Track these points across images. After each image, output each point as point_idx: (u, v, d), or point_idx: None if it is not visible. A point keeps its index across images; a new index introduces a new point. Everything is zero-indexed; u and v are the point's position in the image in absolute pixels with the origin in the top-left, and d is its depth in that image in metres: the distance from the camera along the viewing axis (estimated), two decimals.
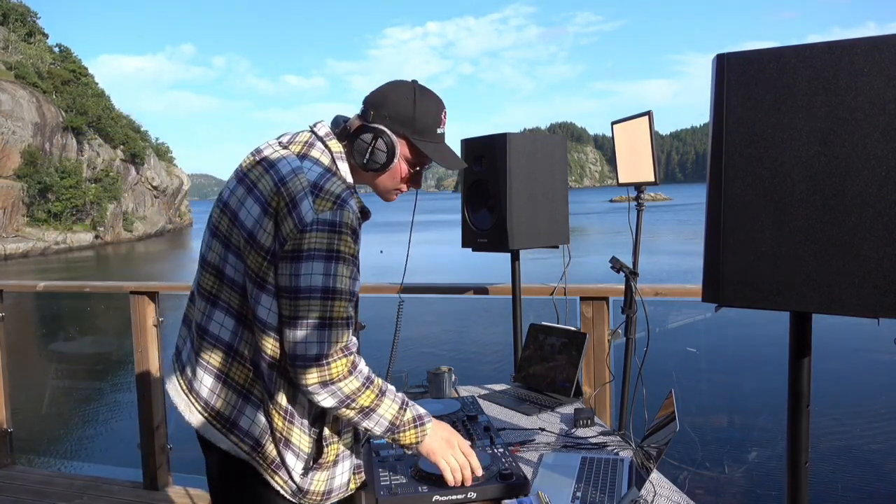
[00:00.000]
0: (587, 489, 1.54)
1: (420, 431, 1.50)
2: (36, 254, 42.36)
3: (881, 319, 1.01)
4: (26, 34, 55.13)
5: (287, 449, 1.48)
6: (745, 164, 1.07)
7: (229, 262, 1.46)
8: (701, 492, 3.36)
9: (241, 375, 1.48)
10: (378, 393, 1.45)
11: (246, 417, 1.48)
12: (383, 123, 1.49)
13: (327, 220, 1.36)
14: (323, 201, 1.38)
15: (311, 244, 1.36)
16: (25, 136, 44.34)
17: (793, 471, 1.18)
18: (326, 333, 1.38)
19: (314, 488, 1.51)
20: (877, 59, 0.98)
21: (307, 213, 1.36)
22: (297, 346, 1.38)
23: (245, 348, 1.47)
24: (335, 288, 1.37)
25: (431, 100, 1.54)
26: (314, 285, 1.36)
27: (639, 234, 2.52)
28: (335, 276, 1.37)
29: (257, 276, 1.41)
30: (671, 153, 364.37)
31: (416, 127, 1.50)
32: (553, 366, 2.34)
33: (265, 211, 1.40)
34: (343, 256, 1.38)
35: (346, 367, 1.40)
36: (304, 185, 1.39)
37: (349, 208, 1.40)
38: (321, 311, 1.37)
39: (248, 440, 1.48)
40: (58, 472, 4.08)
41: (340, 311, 1.39)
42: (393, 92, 1.52)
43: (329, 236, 1.36)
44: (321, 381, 1.38)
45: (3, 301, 3.82)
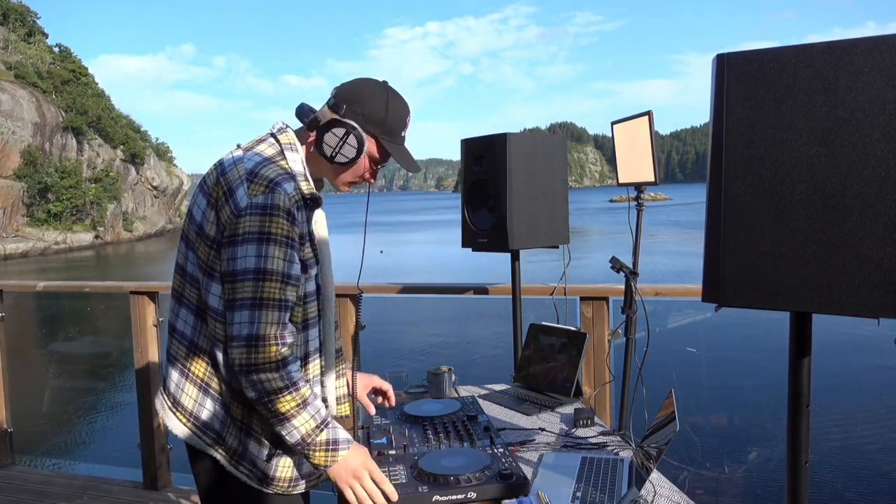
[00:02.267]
0: (587, 489, 1.54)
1: (331, 456, 1.46)
2: (36, 254, 42.36)
3: (881, 319, 1.01)
4: (26, 34, 55.11)
5: (249, 437, 1.50)
6: (745, 164, 1.07)
7: (189, 258, 1.52)
8: (701, 492, 3.36)
9: (200, 369, 1.53)
10: (299, 403, 1.42)
11: (206, 410, 1.52)
12: (356, 120, 1.52)
13: (259, 203, 1.40)
14: (256, 186, 1.42)
15: (245, 228, 1.40)
16: (25, 136, 44.33)
17: (793, 471, 1.18)
18: (257, 314, 1.39)
19: (280, 474, 1.52)
20: (877, 59, 0.98)
21: (241, 198, 1.41)
22: (232, 327, 1.40)
23: (202, 341, 1.52)
24: (266, 269, 1.40)
25: (401, 103, 1.59)
26: (247, 267, 1.40)
27: (639, 234, 2.52)
28: (266, 258, 1.40)
29: (207, 265, 1.46)
30: (671, 153, 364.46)
31: (385, 127, 1.55)
32: (553, 366, 2.34)
33: (209, 202, 1.47)
34: (275, 238, 1.40)
35: (275, 357, 1.39)
36: (241, 173, 1.45)
37: (281, 191, 1.42)
38: (253, 291, 1.39)
39: (210, 433, 1.52)
40: (58, 472, 4.08)
41: (272, 293, 1.40)
42: (367, 90, 1.55)
43: (261, 219, 1.40)
44: (246, 364, 1.39)
45: (3, 301, 3.82)
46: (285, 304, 1.43)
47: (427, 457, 1.66)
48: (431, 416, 1.98)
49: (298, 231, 1.46)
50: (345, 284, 3.18)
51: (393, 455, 1.70)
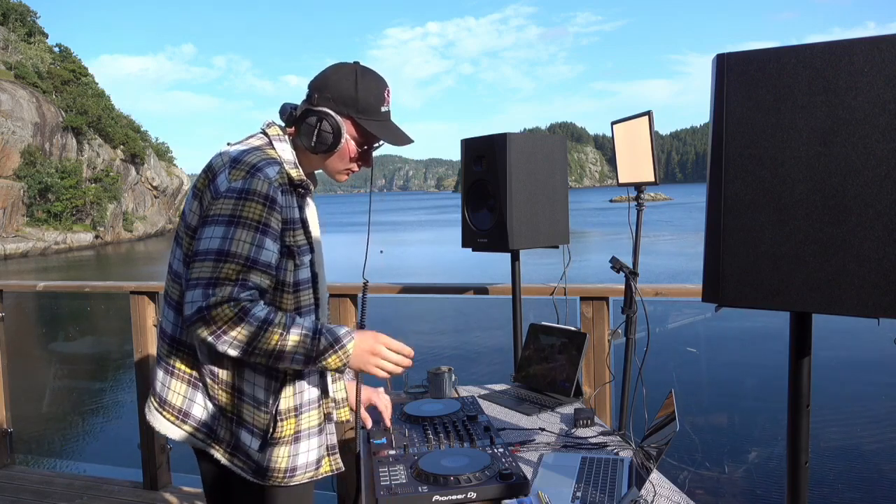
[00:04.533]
0: (587, 489, 1.54)
1: (342, 354, 1.45)
2: (36, 254, 42.34)
3: (881, 319, 1.01)
4: (26, 34, 55.09)
5: (240, 427, 1.49)
6: (745, 164, 1.07)
7: (176, 255, 1.53)
8: (701, 492, 3.36)
9: (185, 364, 1.52)
10: (281, 331, 1.39)
11: (197, 405, 1.51)
12: (327, 105, 1.52)
13: (237, 187, 1.40)
14: (237, 171, 1.42)
15: (217, 210, 1.40)
16: (25, 136, 44.32)
17: (793, 471, 1.18)
18: (210, 291, 1.36)
19: (274, 465, 1.51)
20: (877, 59, 0.98)
21: (222, 183, 1.42)
22: (185, 306, 1.38)
23: (184, 335, 1.51)
24: (229, 251, 1.38)
25: (373, 78, 1.56)
26: (210, 248, 1.39)
27: (639, 235, 2.52)
28: (232, 240, 1.38)
29: (188, 256, 1.46)
30: (671, 153, 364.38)
31: (359, 106, 1.53)
32: (553, 366, 2.33)
33: (194, 194, 1.48)
34: (245, 222, 1.39)
35: (232, 313, 1.36)
36: (225, 160, 1.46)
37: (262, 175, 1.42)
38: (211, 272, 1.37)
39: (203, 428, 1.51)
40: (58, 472, 4.08)
41: (229, 273, 1.38)
42: (335, 74, 1.54)
43: (235, 203, 1.40)
44: (212, 334, 1.36)
45: (3, 301, 3.82)
46: (245, 284, 1.39)
47: (427, 457, 1.66)
48: (431, 416, 1.98)
49: (282, 216, 1.45)
50: (345, 284, 3.18)
51: (393, 455, 1.70)
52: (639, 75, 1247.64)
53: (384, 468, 1.61)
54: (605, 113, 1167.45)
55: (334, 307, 3.13)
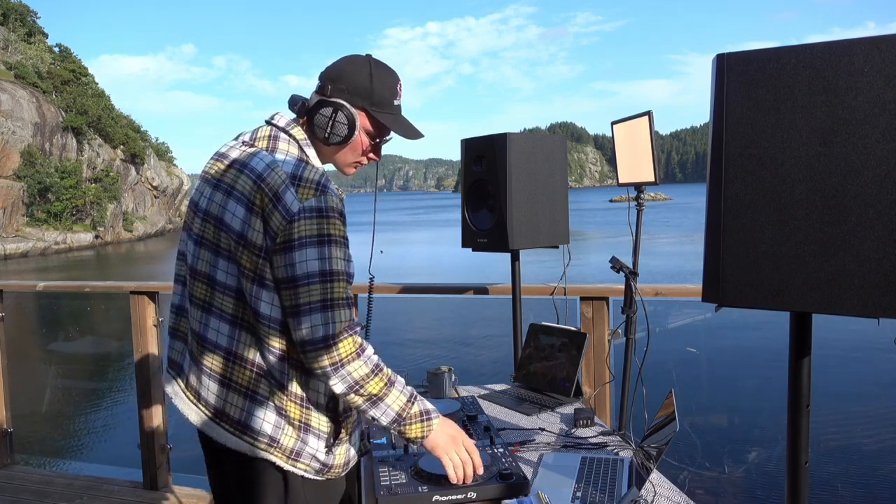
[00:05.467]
0: (587, 489, 1.54)
1: (426, 426, 1.51)
2: (36, 254, 42.35)
3: (881, 319, 1.01)
4: (26, 34, 55.10)
5: (308, 433, 1.50)
6: (745, 164, 1.07)
7: (220, 267, 1.47)
8: (701, 492, 3.36)
9: (243, 377, 1.49)
10: (387, 382, 1.45)
11: (256, 417, 1.49)
12: (341, 97, 1.51)
13: (313, 206, 1.39)
14: (305, 189, 1.40)
15: (302, 232, 1.38)
16: (25, 136, 44.32)
17: (793, 471, 1.18)
18: (330, 315, 1.39)
19: (337, 461, 1.55)
20: (877, 59, 0.98)
21: (292, 203, 1.38)
22: (303, 331, 1.39)
23: (244, 350, 1.48)
24: (332, 270, 1.39)
25: (387, 72, 1.56)
26: (311, 271, 1.38)
27: (639, 235, 2.52)
28: (330, 259, 1.39)
29: (255, 273, 1.42)
30: (671, 153, 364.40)
31: (373, 99, 1.53)
32: (553, 366, 2.34)
33: (250, 210, 1.41)
34: (334, 239, 1.40)
35: (354, 348, 1.41)
36: (283, 177, 1.41)
37: (332, 192, 1.42)
38: (322, 294, 1.38)
39: (263, 438, 1.49)
40: (58, 472, 4.08)
41: (340, 292, 1.41)
42: (349, 66, 1.53)
43: (318, 222, 1.39)
44: (332, 364, 1.39)
45: (3, 301, 3.82)
46: (350, 302, 1.44)
47: (427, 457, 1.66)
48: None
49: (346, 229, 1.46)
50: None
51: (393, 455, 1.70)
52: (639, 75, 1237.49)
53: (384, 468, 1.61)
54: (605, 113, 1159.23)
55: None
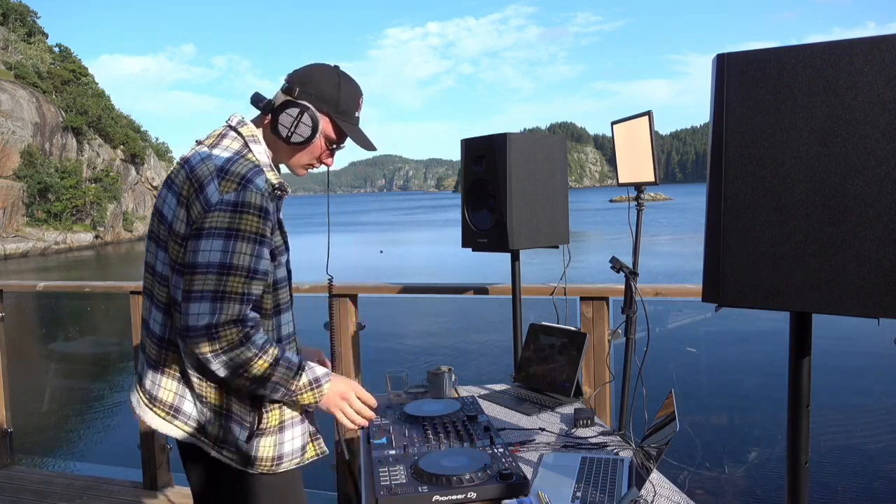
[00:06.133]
0: (587, 489, 1.54)
1: (318, 392, 1.55)
2: (36, 254, 42.34)
3: (881, 319, 1.01)
4: (26, 34, 55.09)
5: (229, 420, 1.53)
6: (745, 164, 1.07)
7: (159, 258, 1.55)
8: (701, 492, 3.36)
9: (175, 363, 1.56)
10: (272, 362, 1.47)
11: (188, 402, 1.55)
12: (308, 100, 1.56)
13: (231, 200, 1.42)
14: (228, 182, 1.44)
15: (213, 223, 1.42)
16: (25, 136, 44.31)
17: (793, 471, 1.18)
18: (218, 305, 1.41)
19: (262, 454, 1.55)
20: (877, 59, 0.97)
21: (213, 195, 1.43)
22: (189, 318, 1.41)
23: (174, 336, 1.54)
24: (232, 264, 1.42)
25: (353, 84, 1.64)
26: (212, 261, 1.41)
27: (639, 235, 2.52)
28: (233, 253, 1.42)
29: (175, 262, 1.49)
30: (671, 153, 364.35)
31: (339, 107, 1.60)
32: (553, 366, 2.34)
33: (178, 201, 1.49)
34: (244, 235, 1.43)
35: (237, 337, 1.42)
36: (211, 169, 1.47)
37: (253, 188, 1.45)
38: (216, 284, 1.41)
39: (192, 422, 1.55)
40: (58, 472, 4.08)
41: (236, 287, 1.43)
42: (318, 72, 1.60)
43: (231, 216, 1.42)
44: (211, 351, 1.41)
45: (3, 301, 3.82)
46: (248, 298, 1.45)
47: (427, 457, 1.66)
48: (431, 416, 1.98)
49: (270, 224, 1.49)
50: (345, 284, 3.18)
51: (393, 455, 1.70)
52: (639, 75, 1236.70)
53: (384, 468, 1.61)
54: (605, 113, 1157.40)
55: (335, 307, 3.13)
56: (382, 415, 2.03)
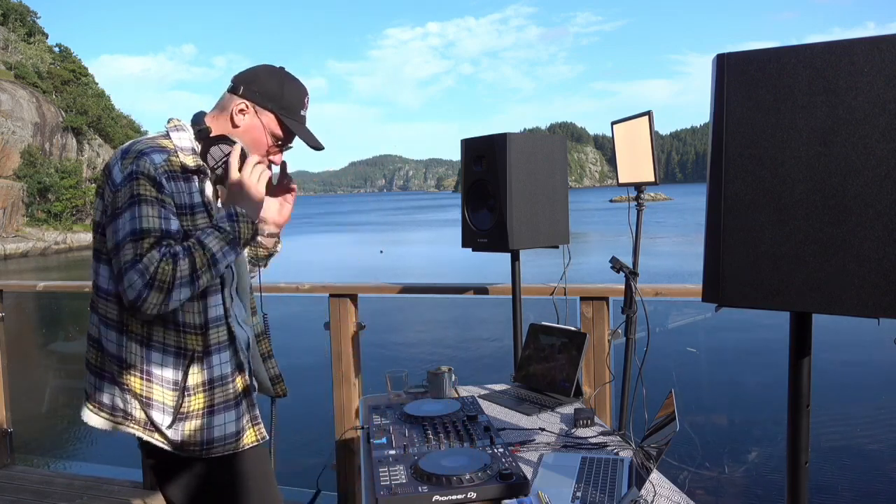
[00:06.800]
0: (587, 489, 1.54)
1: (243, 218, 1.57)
2: (36, 254, 42.34)
3: (881, 319, 1.01)
4: (26, 34, 55.08)
5: (150, 408, 1.55)
6: (745, 164, 1.07)
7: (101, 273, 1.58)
8: (701, 492, 3.36)
9: (93, 357, 1.61)
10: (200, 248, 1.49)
11: (106, 394, 1.58)
12: (252, 97, 1.63)
13: (128, 172, 1.48)
14: (126, 161, 1.50)
15: (119, 201, 1.47)
16: (25, 136, 44.31)
17: (793, 471, 1.18)
18: (142, 266, 1.43)
19: (188, 439, 1.57)
20: (877, 59, 0.98)
21: (116, 175, 1.50)
22: (127, 291, 1.44)
23: (92, 330, 1.60)
24: (142, 228, 1.46)
25: (297, 84, 1.69)
26: (125, 232, 1.45)
27: (639, 235, 2.52)
28: (140, 218, 1.46)
29: (97, 250, 1.56)
30: (671, 153, 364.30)
31: (282, 104, 1.65)
32: (553, 366, 2.34)
33: (98, 194, 1.57)
34: (144, 198, 1.47)
35: (168, 267, 1.44)
36: (117, 155, 1.54)
37: (147, 159, 1.49)
38: (133, 251, 1.44)
39: (117, 412, 1.58)
40: (58, 472, 4.07)
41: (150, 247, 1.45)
42: (264, 72, 1.67)
43: (130, 185, 1.47)
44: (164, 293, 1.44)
45: (3, 301, 3.82)
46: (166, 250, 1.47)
47: (427, 457, 1.66)
48: (431, 416, 1.98)
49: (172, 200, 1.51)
50: (345, 284, 3.18)
51: (393, 455, 1.70)
52: (639, 75, 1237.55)
53: (384, 468, 1.61)
54: (605, 113, 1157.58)
55: (334, 307, 3.14)
56: (382, 415, 2.03)
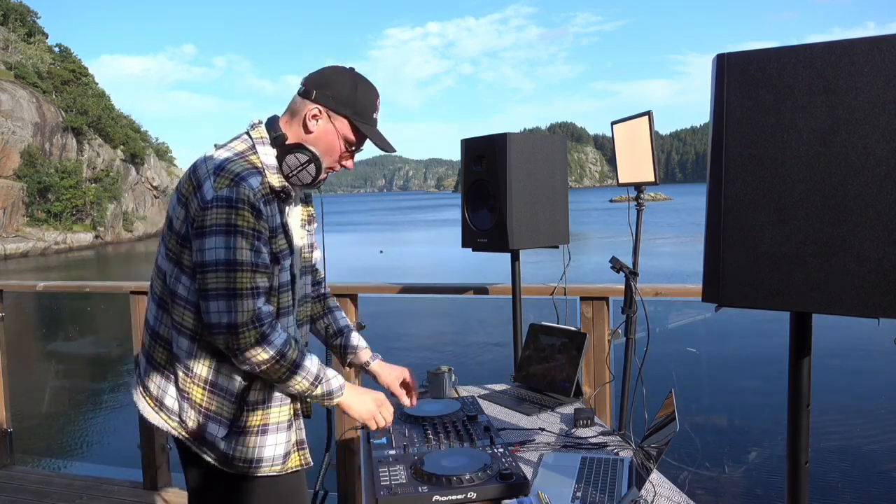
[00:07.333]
0: (587, 489, 1.54)
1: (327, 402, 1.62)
2: (36, 254, 42.33)
3: (881, 319, 1.01)
4: (26, 34, 55.07)
5: (208, 419, 1.55)
6: (745, 164, 1.07)
7: (160, 252, 1.60)
8: (701, 492, 3.36)
9: (161, 357, 1.59)
10: (288, 369, 1.52)
11: (169, 396, 1.58)
12: (325, 102, 1.58)
13: (224, 196, 1.46)
14: (221, 179, 1.47)
15: (212, 220, 1.45)
16: (25, 136, 44.30)
17: (793, 471, 1.18)
18: (233, 303, 1.46)
19: (238, 454, 1.56)
20: (877, 59, 0.98)
21: (208, 191, 1.47)
22: (210, 315, 1.47)
23: (162, 330, 1.59)
24: (236, 260, 1.46)
25: (369, 86, 1.64)
26: (218, 259, 1.45)
27: (639, 235, 2.52)
28: (235, 249, 1.46)
29: (176, 256, 1.53)
30: (671, 153, 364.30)
31: (356, 108, 1.61)
32: (553, 366, 2.34)
33: (179, 199, 1.53)
34: (241, 230, 1.46)
35: (254, 338, 1.47)
36: (209, 168, 1.50)
37: (246, 185, 1.48)
38: (227, 282, 1.46)
39: (174, 417, 1.58)
40: (58, 472, 4.08)
41: (244, 282, 1.47)
42: (335, 75, 1.62)
43: (227, 211, 1.45)
44: (236, 348, 1.47)
45: (3, 301, 3.82)
46: (257, 292, 1.50)
47: (427, 457, 1.66)
48: (431, 416, 1.98)
49: (267, 224, 1.52)
50: (345, 284, 3.18)
51: (393, 455, 1.70)
52: (639, 75, 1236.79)
53: (384, 468, 1.61)
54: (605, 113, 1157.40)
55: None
56: None
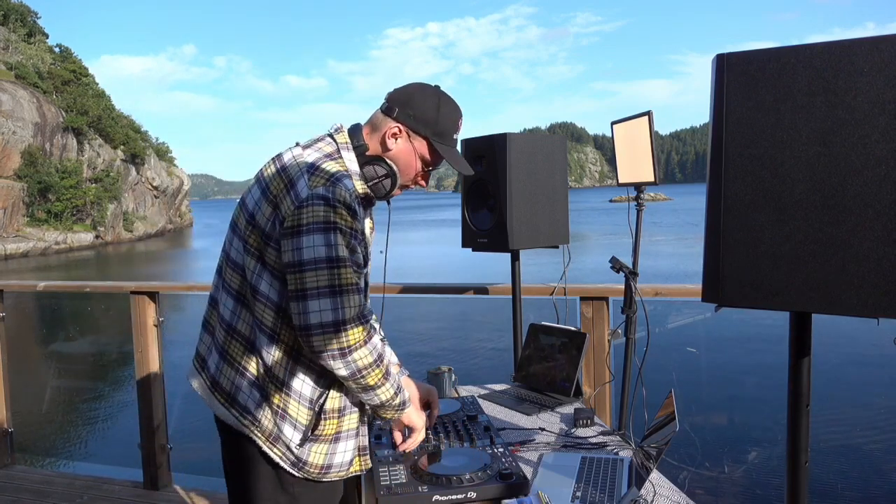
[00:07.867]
0: (587, 489, 1.54)
1: (398, 412, 1.61)
2: (36, 254, 42.34)
3: (881, 319, 1.01)
4: (26, 34, 55.11)
5: (284, 421, 1.52)
6: (745, 164, 1.07)
7: (234, 245, 1.55)
8: (701, 492, 3.36)
9: (238, 352, 1.55)
10: (383, 375, 1.51)
11: (243, 393, 1.54)
12: (407, 121, 1.56)
13: (321, 194, 1.42)
14: (317, 178, 1.45)
15: (309, 218, 1.41)
16: (26, 136, 44.32)
17: (793, 471, 1.18)
18: (339, 300, 1.42)
19: (312, 460, 1.55)
20: (877, 59, 0.98)
21: (302, 189, 1.44)
22: (310, 315, 1.41)
23: (242, 326, 1.54)
24: (339, 256, 1.42)
25: (452, 107, 1.61)
26: (318, 256, 1.41)
27: (638, 235, 2.52)
28: (336, 246, 1.42)
29: (259, 252, 1.48)
30: (671, 153, 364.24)
31: (437, 129, 1.57)
32: (553, 366, 2.34)
33: (264, 194, 1.49)
34: (340, 227, 1.43)
35: (363, 336, 1.45)
36: (302, 167, 1.48)
37: (343, 186, 1.45)
38: (329, 279, 1.41)
39: (248, 414, 1.54)
40: (58, 472, 4.08)
41: (348, 278, 1.43)
42: (419, 93, 1.58)
43: (325, 209, 1.42)
44: (340, 349, 1.42)
45: (3, 301, 3.82)
46: (359, 289, 1.48)
47: (427, 457, 1.66)
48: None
49: (359, 226, 1.50)
50: None
51: (393, 455, 1.70)
52: (639, 75, 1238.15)
53: (384, 468, 1.61)
54: (605, 113, 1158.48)
55: None
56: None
